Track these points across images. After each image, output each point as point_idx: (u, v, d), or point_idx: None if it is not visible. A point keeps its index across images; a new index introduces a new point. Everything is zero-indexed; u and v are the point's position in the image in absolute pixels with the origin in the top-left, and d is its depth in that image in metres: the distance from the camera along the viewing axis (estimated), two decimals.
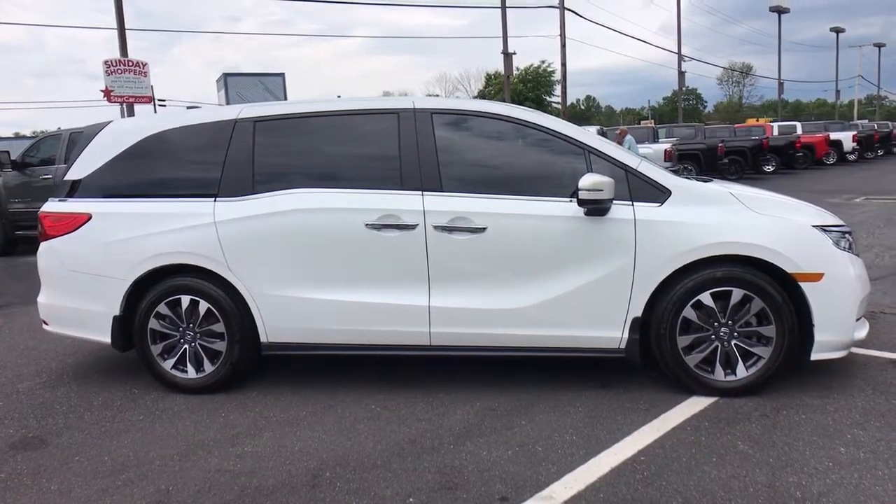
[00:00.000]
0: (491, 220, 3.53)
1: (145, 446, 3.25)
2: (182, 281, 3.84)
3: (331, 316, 3.71)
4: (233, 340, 3.82)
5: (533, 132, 3.69)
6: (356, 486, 2.77)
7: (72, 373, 4.41)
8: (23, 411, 3.76)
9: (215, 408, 3.69)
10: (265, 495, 2.73)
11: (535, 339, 3.61)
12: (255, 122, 3.88)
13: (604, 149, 3.60)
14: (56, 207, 4.05)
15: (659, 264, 3.44)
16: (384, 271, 3.65)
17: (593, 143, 3.61)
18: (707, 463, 2.81)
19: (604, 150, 3.59)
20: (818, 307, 3.39)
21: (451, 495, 2.65)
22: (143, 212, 3.87)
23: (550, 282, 3.53)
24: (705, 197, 3.54)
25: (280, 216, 3.69)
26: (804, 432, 3.07)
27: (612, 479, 2.71)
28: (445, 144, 3.69)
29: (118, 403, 3.83)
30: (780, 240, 3.41)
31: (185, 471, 2.97)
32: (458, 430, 3.26)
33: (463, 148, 3.78)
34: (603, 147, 3.61)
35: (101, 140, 4.09)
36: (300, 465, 2.97)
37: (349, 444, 3.18)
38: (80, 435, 3.41)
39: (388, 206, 3.62)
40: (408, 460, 2.98)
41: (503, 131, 3.75)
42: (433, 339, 3.68)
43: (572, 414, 3.39)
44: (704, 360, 3.51)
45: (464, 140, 3.79)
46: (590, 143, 3.61)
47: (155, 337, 3.91)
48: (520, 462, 2.91)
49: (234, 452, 3.14)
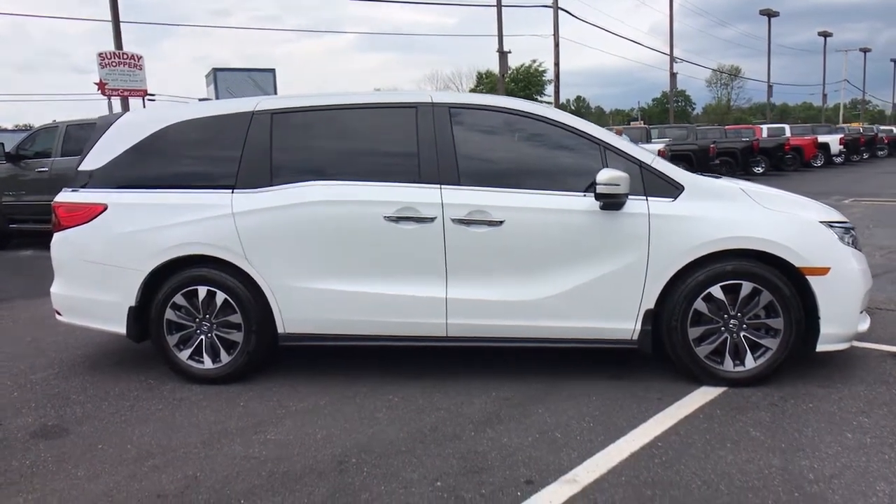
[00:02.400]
0: (508, 214, 3.61)
1: (167, 434, 3.28)
2: (199, 272, 3.87)
3: (348, 307, 3.77)
4: (249, 331, 3.86)
5: (549, 128, 3.76)
6: (383, 470, 2.83)
7: (84, 364, 4.43)
8: (39, 401, 3.78)
9: (233, 397, 3.73)
10: (294, 480, 2.78)
11: (549, 331, 3.69)
12: (272, 114, 3.92)
13: (619, 144, 3.68)
14: (70, 198, 4.06)
15: (672, 258, 3.53)
16: (402, 263, 3.71)
17: (609, 139, 3.69)
18: (722, 448, 2.91)
19: (619, 145, 3.68)
20: (824, 300, 3.49)
21: (476, 479, 2.72)
22: (159, 203, 3.90)
23: (566, 274, 3.61)
24: (717, 193, 3.63)
25: (298, 208, 3.74)
26: (812, 420, 3.17)
27: (632, 464, 2.80)
28: (462, 138, 3.76)
29: (135, 393, 3.86)
30: (790, 235, 3.51)
31: (211, 458, 3.02)
32: (478, 419, 3.33)
33: (480, 142, 3.85)
34: (618, 143, 3.69)
35: (116, 131, 4.11)
36: (325, 452, 3.03)
37: (371, 431, 3.23)
38: (101, 424, 3.44)
39: (407, 198, 3.68)
40: (431, 447, 3.04)
41: (520, 126, 3.82)
42: (450, 331, 3.74)
43: (587, 403, 3.47)
44: (714, 352, 3.61)
45: (481, 134, 3.86)
46: (605, 138, 3.69)
47: (171, 327, 3.94)
48: (541, 448, 2.98)
49: (257, 440, 3.18)
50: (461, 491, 2.63)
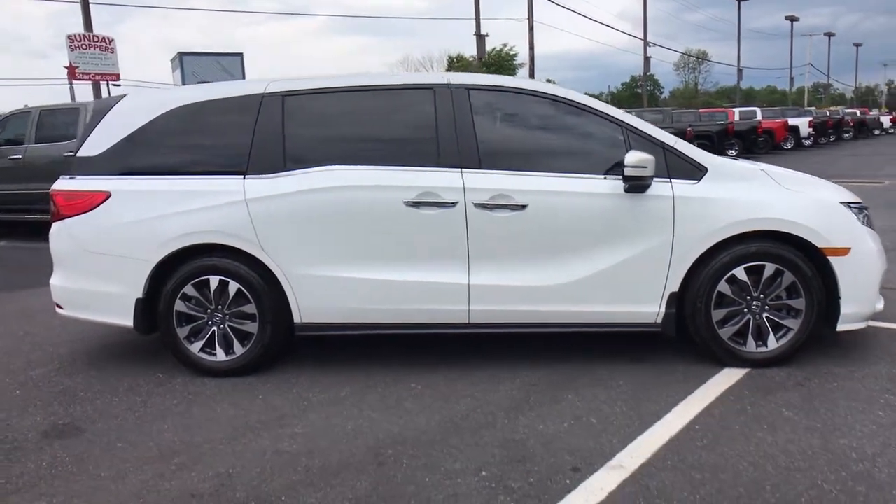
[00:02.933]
0: (532, 198, 3.55)
1: (188, 431, 3.17)
2: (210, 261, 3.74)
3: (368, 295, 3.68)
4: (265, 321, 3.75)
5: (569, 109, 3.70)
6: (423, 462, 2.77)
7: (85, 358, 4.26)
8: (45, 399, 3.62)
9: (249, 390, 3.62)
10: (332, 474, 2.70)
11: (573, 315, 3.65)
12: (283, 96, 3.78)
13: (641, 126, 3.64)
14: (69, 185, 3.87)
15: (696, 240, 3.51)
16: (423, 249, 3.63)
17: (631, 121, 3.65)
18: (759, 430, 2.91)
19: (642, 127, 3.64)
20: (845, 280, 3.52)
21: (522, 467, 2.68)
22: (166, 189, 3.75)
23: (590, 258, 3.57)
24: (740, 174, 3.63)
25: (315, 193, 3.62)
26: (840, 399, 3.20)
27: (675, 448, 2.78)
28: (482, 121, 3.68)
29: (146, 388, 3.72)
30: (812, 216, 3.52)
31: (239, 454, 2.91)
32: (507, 406, 3.29)
33: (500, 125, 3.78)
34: (640, 125, 3.65)
35: (117, 115, 3.93)
36: (358, 444, 2.95)
37: (401, 421, 3.17)
38: (115, 421, 3.31)
39: (428, 183, 3.59)
40: (466, 436, 2.99)
41: (540, 108, 3.76)
42: (472, 317, 3.68)
43: (615, 387, 3.45)
44: (737, 333, 3.62)
45: (501, 117, 3.78)
46: (628, 120, 3.65)
47: (181, 319, 3.80)
48: (579, 434, 2.95)
49: (284, 434, 3.09)
50: (507, 480, 2.59)
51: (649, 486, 2.49)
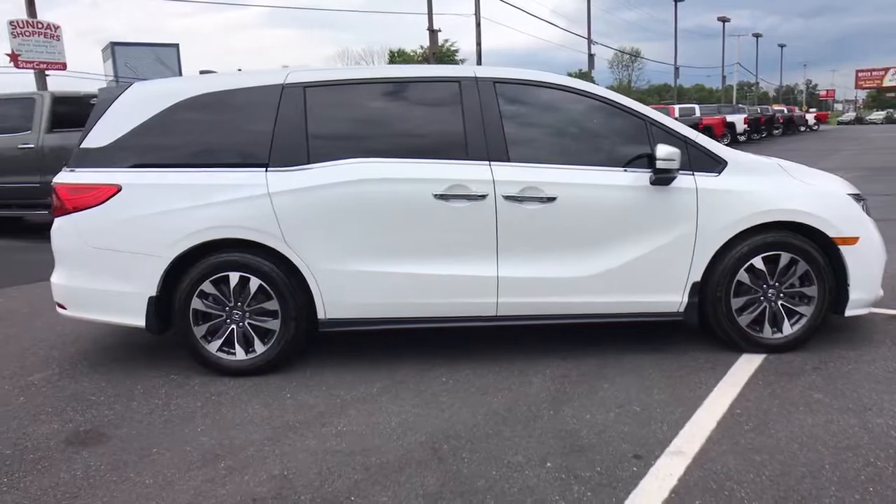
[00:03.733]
0: (561, 190, 3.58)
1: (224, 433, 3.05)
2: (230, 256, 3.60)
3: (395, 289, 3.62)
4: (288, 318, 3.64)
5: (594, 103, 3.75)
6: (483, 455, 2.76)
7: (86, 361, 4.03)
8: (55, 405, 3.40)
9: (275, 390, 3.51)
10: (395, 471, 2.66)
11: (599, 307, 3.71)
12: (304, 87, 3.67)
13: (664, 121, 3.72)
14: (75, 178, 3.65)
15: (718, 231, 3.63)
16: (452, 242, 3.61)
17: (654, 115, 3.73)
18: (797, 412, 3.04)
19: (664, 122, 3.72)
20: (853, 268, 3.70)
21: (585, 457, 2.71)
22: (182, 183, 3.58)
23: (617, 249, 3.64)
24: (757, 167, 3.76)
25: (343, 186, 3.54)
26: (860, 380, 3.37)
27: (725, 432, 2.87)
28: (508, 114, 3.68)
29: (163, 390, 3.55)
30: (825, 207, 3.69)
31: (289, 454, 2.83)
32: (545, 397, 3.31)
33: (526, 118, 3.78)
34: (663, 119, 3.73)
35: (125, 104, 3.72)
36: (410, 440, 2.91)
37: (445, 415, 3.14)
38: (141, 426, 3.14)
39: (457, 176, 3.56)
40: (517, 428, 2.99)
41: (565, 102, 3.78)
42: (500, 310, 3.69)
43: (646, 376, 3.52)
44: (753, 321, 3.76)
45: (527, 110, 3.79)
46: (651, 114, 3.72)
47: (197, 317, 3.65)
48: (628, 422, 3.00)
49: (328, 433, 3.01)
50: (576, 470, 2.61)
51: (715, 470, 2.56)
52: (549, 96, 3.78)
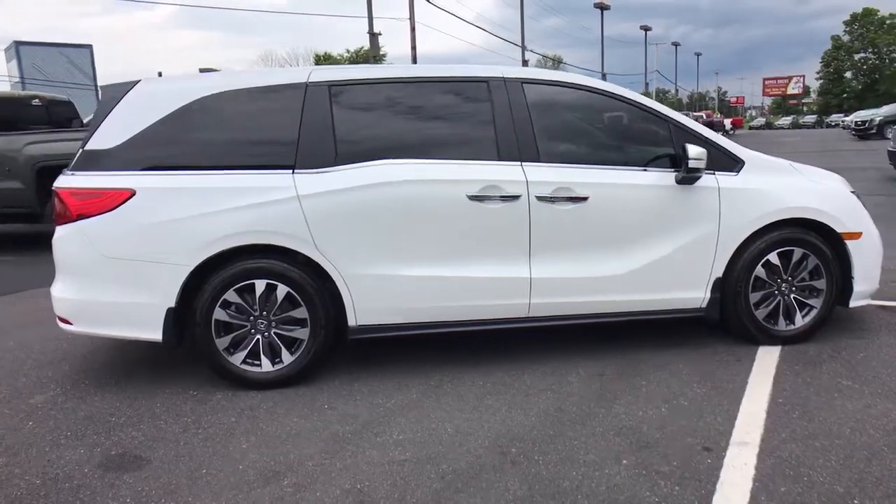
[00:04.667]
0: (592, 190, 3.61)
1: (273, 448, 2.89)
2: (256, 263, 3.42)
3: (428, 292, 3.55)
4: (317, 326, 3.50)
5: (618, 104, 3.81)
6: (555, 456, 2.73)
7: (88, 380, 3.73)
8: (73, 428, 3.13)
9: (308, 401, 3.37)
10: (473, 477, 2.59)
11: (628, 305, 3.76)
12: (329, 86, 3.55)
13: (685, 121, 3.83)
14: (82, 182, 3.38)
15: (739, 228, 3.76)
16: (485, 243, 3.57)
17: (676, 116, 3.82)
18: (834, 398, 3.18)
19: (685, 123, 3.82)
20: (858, 261, 3.92)
21: (657, 452, 2.73)
22: (203, 186, 3.38)
23: (646, 248, 3.70)
24: (771, 167, 3.92)
25: (376, 188, 3.44)
26: (877, 365, 3.56)
27: (777, 421, 2.96)
28: (537, 114, 3.68)
29: (187, 406, 3.34)
30: (834, 204, 3.89)
31: (353, 467, 2.71)
32: (590, 396, 3.32)
33: (553, 118, 3.79)
34: (684, 120, 3.83)
35: (133, 103, 3.48)
36: (473, 445, 2.85)
37: (497, 419, 3.10)
38: (178, 446, 2.94)
39: (491, 176, 3.53)
40: (576, 427, 2.99)
41: (590, 102, 3.83)
42: (532, 311, 3.68)
43: (677, 372, 3.60)
44: (769, 314, 3.91)
45: (555, 110, 3.80)
46: (673, 115, 3.82)
47: (219, 329, 3.45)
48: (681, 416, 3.05)
49: (385, 442, 2.91)
50: (653, 466, 2.63)
51: (784, 458, 2.64)
52: (574, 97, 3.82)
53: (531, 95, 3.69)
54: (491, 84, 3.66)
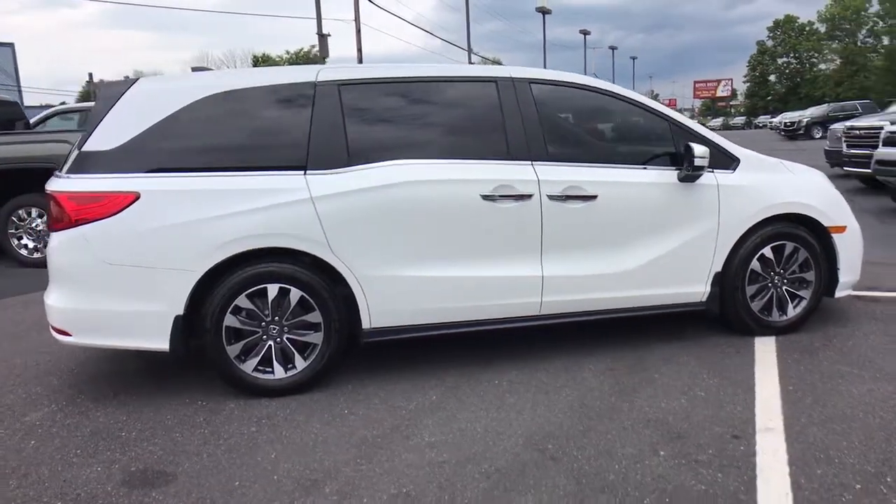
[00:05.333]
0: (601, 189, 3.67)
1: (304, 456, 2.81)
2: (267, 267, 3.32)
3: (443, 293, 3.53)
4: (331, 330, 3.43)
5: (621, 104, 3.89)
6: (594, 450, 2.76)
7: (83, 394, 3.53)
8: (82, 446, 2.95)
9: (325, 407, 3.29)
10: (518, 475, 2.59)
11: (634, 300, 3.84)
12: (339, 85, 3.49)
13: (684, 121, 3.94)
14: (81, 186, 3.20)
15: (737, 223, 3.89)
16: (499, 243, 3.58)
17: (675, 116, 3.93)
18: (839, 384, 3.33)
19: (684, 121, 3.94)
20: (842, 254, 4.13)
21: (690, 442, 2.79)
22: (212, 188, 3.26)
23: (652, 244, 3.79)
24: (764, 164, 4.08)
25: (390, 189, 3.39)
26: (868, 351, 3.75)
27: (793, 408, 3.08)
28: (545, 114, 3.72)
29: (200, 418, 3.20)
30: (821, 199, 4.09)
31: (394, 471, 2.67)
32: (609, 391, 3.37)
33: (560, 118, 3.85)
34: (683, 119, 3.95)
35: (132, 103, 3.33)
36: (509, 443, 2.85)
37: (525, 417, 3.11)
38: (202, 459, 2.82)
39: (503, 176, 3.55)
40: (605, 421, 3.03)
41: (594, 102, 3.89)
42: (543, 309, 3.71)
43: (684, 364, 3.69)
44: (764, 306, 4.07)
45: (560, 110, 3.86)
46: (674, 116, 3.93)
47: (230, 335, 3.34)
48: (702, 406, 3.14)
49: (418, 445, 2.88)
50: (691, 455, 2.69)
51: (811, 442, 2.75)
52: (578, 97, 3.87)
53: (538, 95, 3.72)
54: (500, 84, 3.68)
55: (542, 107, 3.71)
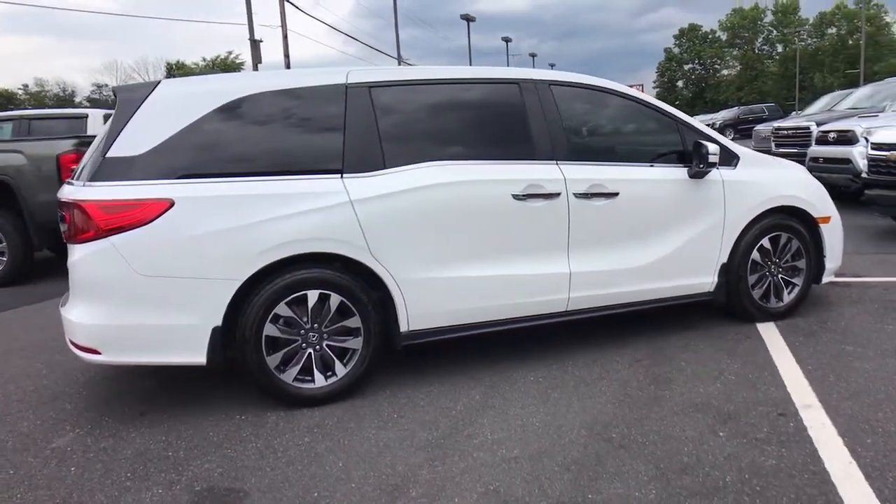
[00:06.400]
0: (621, 186, 3.80)
1: (374, 462, 2.77)
2: (308, 273, 3.25)
3: (479, 293, 3.56)
4: (370, 334, 3.39)
5: (634, 105, 4.04)
6: (656, 436, 2.86)
7: (108, 416, 3.33)
8: (129, 468, 2.79)
9: (372, 413, 3.25)
10: (597, 464, 2.65)
11: (652, 293, 3.99)
12: (369, 87, 3.46)
13: (690, 121, 4.14)
14: (112, 194, 3.02)
15: (740, 216, 4.12)
16: (529, 241, 3.65)
17: (682, 116, 4.12)
18: (851, 362, 3.58)
19: (691, 121, 4.14)
20: (828, 242, 4.45)
21: (742, 422, 2.94)
22: (249, 193, 3.16)
23: (667, 239, 3.96)
24: (759, 161, 4.34)
25: (427, 190, 3.40)
26: (862, 331, 4.06)
27: (820, 385, 3.29)
28: (566, 115, 3.82)
29: (246, 432, 3.09)
30: (810, 192, 4.39)
31: (471, 470, 2.67)
32: (645, 381, 3.49)
33: (579, 118, 3.96)
34: (689, 119, 4.15)
35: (159, 106, 3.18)
36: (573, 435, 2.91)
37: (577, 409, 3.18)
38: (266, 473, 2.72)
39: (532, 176, 3.62)
40: (654, 408, 3.14)
41: (609, 103, 4.03)
42: (570, 305, 3.80)
43: (703, 351, 3.88)
44: (763, 294, 4.32)
45: (579, 111, 3.96)
46: (681, 116, 4.11)
47: (269, 345, 3.24)
48: (739, 388, 3.31)
49: (484, 443, 2.89)
50: (749, 434, 2.83)
51: (851, 415, 2.96)
52: (595, 98, 4.00)
53: (558, 96, 3.81)
54: (522, 85, 3.75)
55: (562, 108, 3.81)
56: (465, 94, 3.71)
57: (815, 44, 71.74)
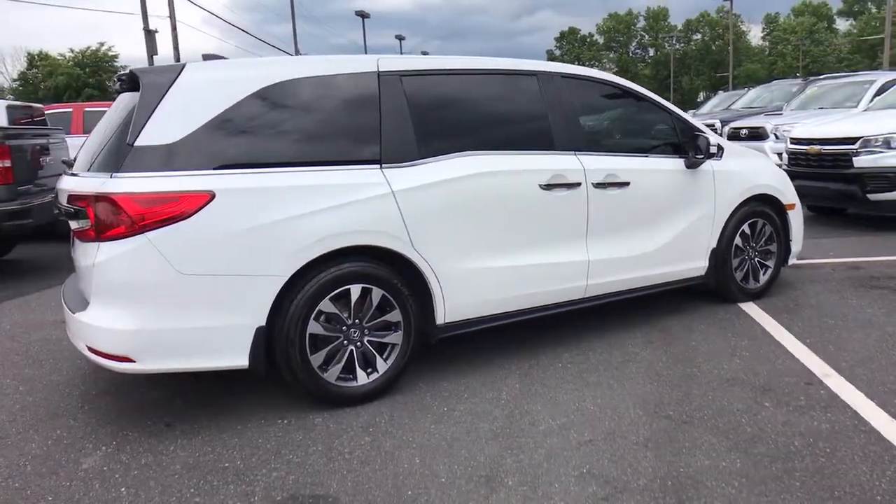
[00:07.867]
0: (632, 176, 3.95)
1: (450, 456, 2.71)
2: (351, 267, 3.12)
3: (508, 282, 3.58)
4: (410, 328, 3.31)
5: (636, 99, 4.21)
6: (711, 410, 3.00)
7: (132, 431, 3.02)
8: (187, 483, 2.55)
9: (419, 408, 3.19)
10: (670, 441, 2.75)
11: (655, 278, 4.18)
12: (401, 76, 3.37)
13: (683, 114, 4.37)
14: (148, 186, 2.75)
15: (727, 204, 4.41)
16: (553, 230, 3.71)
17: (677, 110, 4.34)
18: (840, 333, 3.93)
19: (683, 115, 4.36)
20: (794, 227, 4.86)
21: (780, 392, 3.16)
22: (292, 184, 2.99)
23: (670, 226, 4.16)
24: (739, 152, 4.65)
25: (464, 181, 3.37)
26: (834, 307, 4.46)
27: (828, 356, 3.58)
28: (581, 106, 3.91)
29: (298, 436, 2.92)
30: (781, 181, 4.77)
31: (554, 456, 2.68)
32: (668, 361, 3.65)
33: (590, 110, 4.05)
34: (682, 113, 4.37)
35: (188, 91, 2.93)
36: (633, 414, 3.00)
37: (622, 390, 3.27)
38: (345, 475, 2.59)
39: (556, 166, 3.68)
40: (693, 386, 3.30)
41: (615, 96, 4.16)
42: (588, 291, 3.90)
43: (701, 331, 4.11)
44: (744, 276, 4.65)
45: (590, 103, 4.06)
46: (676, 110, 4.33)
47: (313, 344, 3.08)
48: (757, 363, 3.54)
49: (550, 429, 2.91)
50: (791, 403, 3.04)
51: (868, 379, 3.25)
52: (603, 91, 4.12)
53: (573, 88, 3.90)
54: (539, 77, 3.79)
55: (577, 100, 3.90)
56: (489, 84, 3.70)
57: (683, 49, 77.53)
